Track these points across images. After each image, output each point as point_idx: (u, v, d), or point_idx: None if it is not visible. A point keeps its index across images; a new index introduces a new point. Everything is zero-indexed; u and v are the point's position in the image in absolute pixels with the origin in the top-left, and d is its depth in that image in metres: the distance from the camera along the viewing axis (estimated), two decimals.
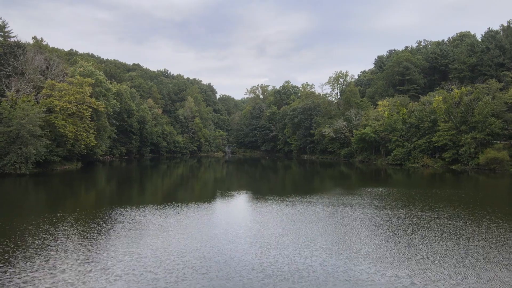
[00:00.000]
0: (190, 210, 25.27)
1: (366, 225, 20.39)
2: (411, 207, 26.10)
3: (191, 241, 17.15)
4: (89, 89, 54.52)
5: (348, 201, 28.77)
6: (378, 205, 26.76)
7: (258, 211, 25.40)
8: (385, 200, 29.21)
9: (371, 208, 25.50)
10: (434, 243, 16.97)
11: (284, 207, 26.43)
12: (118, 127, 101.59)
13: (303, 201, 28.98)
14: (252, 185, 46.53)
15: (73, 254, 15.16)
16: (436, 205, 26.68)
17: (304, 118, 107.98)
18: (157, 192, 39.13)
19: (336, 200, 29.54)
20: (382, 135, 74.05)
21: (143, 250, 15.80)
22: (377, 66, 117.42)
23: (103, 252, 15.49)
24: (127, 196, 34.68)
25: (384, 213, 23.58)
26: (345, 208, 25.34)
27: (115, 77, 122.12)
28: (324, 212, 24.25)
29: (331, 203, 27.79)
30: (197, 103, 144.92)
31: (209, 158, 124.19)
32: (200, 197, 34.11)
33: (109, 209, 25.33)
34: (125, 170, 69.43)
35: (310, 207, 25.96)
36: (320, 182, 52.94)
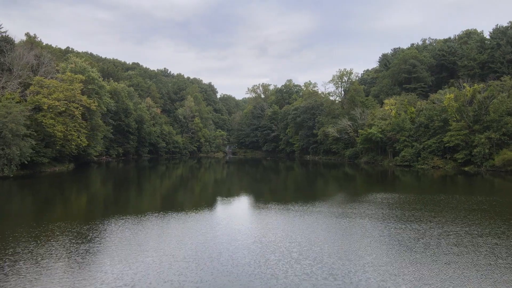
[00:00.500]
0: (184, 222, 22.02)
1: (395, 246, 16.50)
2: (440, 219, 22.22)
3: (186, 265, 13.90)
4: (80, 86, 51.32)
5: (363, 210, 25.06)
6: (401, 216, 22.98)
7: (259, 224, 22.01)
8: (406, 209, 25.39)
9: (393, 220, 21.82)
10: (492, 274, 13.02)
11: (289, 218, 22.93)
12: (115, 127, 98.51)
13: (309, 210, 25.41)
14: (253, 189, 43.27)
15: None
16: (469, 217, 22.89)
17: (306, 118, 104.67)
18: (151, 197, 35.92)
19: (349, 208, 25.98)
20: (389, 135, 70.71)
21: (135, 265, 12.63)
22: (382, 64, 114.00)
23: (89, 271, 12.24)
24: (118, 202, 31.49)
25: (412, 228, 19.83)
26: (363, 220, 21.66)
27: (112, 76, 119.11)
28: (339, 225, 20.63)
29: (344, 213, 24.11)
30: (197, 103, 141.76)
31: (209, 158, 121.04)
32: (198, 204, 30.81)
33: (96, 218, 22.19)
34: (121, 172, 66.26)
35: (320, 219, 22.37)
36: (325, 185, 49.62)
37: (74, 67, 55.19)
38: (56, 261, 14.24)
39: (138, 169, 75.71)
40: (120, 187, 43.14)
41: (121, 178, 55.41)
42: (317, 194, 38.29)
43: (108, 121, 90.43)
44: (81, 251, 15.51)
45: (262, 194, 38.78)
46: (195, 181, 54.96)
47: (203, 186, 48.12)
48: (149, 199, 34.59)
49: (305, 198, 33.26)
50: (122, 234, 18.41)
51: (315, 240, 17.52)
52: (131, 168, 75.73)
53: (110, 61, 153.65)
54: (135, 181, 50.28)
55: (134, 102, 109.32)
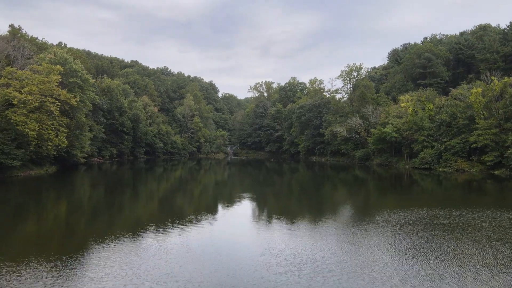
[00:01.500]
0: (181, 238, 15.51)
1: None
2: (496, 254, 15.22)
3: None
4: (58, 79, 44.92)
5: (379, 237, 18.02)
6: (430, 250, 16.02)
7: (260, 249, 15.50)
8: (438, 237, 18.18)
9: (421, 258, 15.15)
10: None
11: (292, 236, 16.56)
12: (108, 126, 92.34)
13: (315, 229, 19.10)
14: (256, 196, 36.87)
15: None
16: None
17: (312, 116, 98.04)
18: (143, 206, 29.93)
19: (362, 231, 19.15)
20: (405, 135, 64.01)
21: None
22: (392, 60, 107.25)
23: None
24: (100, 214, 25.10)
25: (454, 273, 13.20)
26: (380, 254, 15.04)
27: (107, 73, 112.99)
28: (350, 259, 14.28)
29: (356, 241, 17.23)
30: (197, 101, 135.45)
31: (209, 159, 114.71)
32: (197, 212, 24.25)
33: (67, 246, 15.99)
34: (112, 175, 60.09)
35: (327, 246, 15.92)
36: (333, 190, 43.20)
37: (53, 57, 48.86)
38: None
39: (132, 171, 69.55)
40: (106, 194, 37.19)
41: (110, 182, 49.26)
42: (324, 203, 32.15)
43: (99, 120, 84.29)
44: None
45: (265, 202, 32.94)
46: (194, 184, 48.90)
47: (202, 190, 42.23)
48: (140, 208, 28.99)
49: (311, 208, 28.94)
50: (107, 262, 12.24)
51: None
52: (124, 171, 69.58)
53: (108, 58, 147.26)
54: (126, 185, 44.21)
55: (130, 100, 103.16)
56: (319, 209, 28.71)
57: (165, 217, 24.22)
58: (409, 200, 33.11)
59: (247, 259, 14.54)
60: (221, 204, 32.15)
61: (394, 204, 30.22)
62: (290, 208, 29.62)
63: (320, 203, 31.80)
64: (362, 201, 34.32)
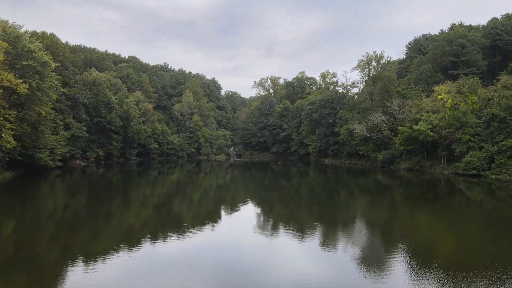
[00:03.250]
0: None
1: None
2: None
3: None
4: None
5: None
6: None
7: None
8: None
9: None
10: None
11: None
12: (94, 124, 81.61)
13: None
14: (260, 210, 27.54)
15: None
16: None
17: (325, 113, 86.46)
18: (125, 223, 22.71)
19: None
20: (444, 133, 52.33)
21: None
22: (414, 50, 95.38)
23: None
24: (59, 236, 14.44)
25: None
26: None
27: (97, 66, 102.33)
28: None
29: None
30: (197, 98, 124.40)
31: (210, 161, 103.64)
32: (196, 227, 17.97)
33: None
34: (93, 180, 49.81)
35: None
36: (354, 202, 32.98)
37: (1, 33, 37.94)
38: None
39: (121, 175, 59.60)
40: (76, 204, 28.52)
41: (88, 189, 39.13)
42: (341, 218, 25.31)
43: (81, 117, 73.45)
44: None
45: (271, 216, 26.37)
46: (191, 190, 40.13)
47: (201, 200, 34.32)
48: (120, 223, 22.56)
49: (322, 222, 23.48)
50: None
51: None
52: (111, 174, 59.17)
53: (102, 53, 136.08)
54: (107, 193, 36.27)
55: (120, 96, 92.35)
56: (333, 225, 22.78)
57: (153, 235, 18.60)
58: (459, 218, 25.10)
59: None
60: (223, 219, 24.94)
61: (437, 224, 22.99)
62: (298, 222, 23.71)
63: (336, 218, 25.18)
64: (389, 215, 26.56)
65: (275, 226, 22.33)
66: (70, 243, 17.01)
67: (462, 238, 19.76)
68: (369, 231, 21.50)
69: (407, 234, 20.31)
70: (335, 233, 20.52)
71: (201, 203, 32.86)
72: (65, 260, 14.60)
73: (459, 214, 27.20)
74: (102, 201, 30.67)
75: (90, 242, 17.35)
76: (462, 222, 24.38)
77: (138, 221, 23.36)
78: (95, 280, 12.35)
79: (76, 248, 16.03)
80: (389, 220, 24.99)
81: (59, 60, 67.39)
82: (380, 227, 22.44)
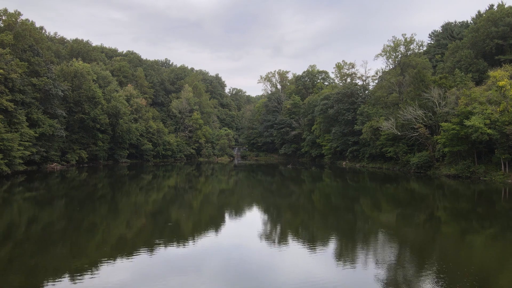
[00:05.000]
0: None
1: None
2: None
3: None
4: None
5: None
6: None
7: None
8: None
9: None
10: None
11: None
12: (77, 121, 70.70)
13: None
14: (269, 232, 21.66)
15: None
16: None
17: (343, 109, 74.49)
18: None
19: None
20: (508, 130, 40.24)
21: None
22: (445, 36, 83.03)
23: None
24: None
25: None
26: None
27: (84, 57, 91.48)
28: None
29: None
30: (198, 94, 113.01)
31: (211, 164, 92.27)
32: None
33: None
34: (66, 188, 40.30)
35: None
36: (384, 220, 25.32)
37: None
38: None
39: (106, 180, 49.97)
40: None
41: (50, 200, 30.73)
42: (363, 235, 20.24)
43: (55, 112, 62.33)
44: None
45: (287, 237, 20.32)
46: (190, 199, 33.75)
47: (201, 212, 28.67)
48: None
49: (346, 241, 18.77)
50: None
51: None
52: (92, 180, 50.15)
53: (98, 48, 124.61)
54: (80, 204, 29.17)
55: (108, 90, 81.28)
56: (353, 239, 19.09)
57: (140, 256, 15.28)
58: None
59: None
60: (226, 231, 21.05)
61: (498, 251, 17.25)
62: (311, 234, 20.52)
63: (356, 232, 20.79)
64: (428, 234, 20.69)
65: (288, 242, 18.99)
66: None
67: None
68: (398, 249, 17.37)
69: (453, 260, 15.57)
70: (354, 248, 17.71)
71: (201, 214, 27.51)
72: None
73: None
74: (77, 208, 21.95)
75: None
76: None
77: (120, 241, 18.42)
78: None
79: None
80: (428, 240, 19.47)
81: (27, 44, 56.46)
82: (415, 247, 17.81)
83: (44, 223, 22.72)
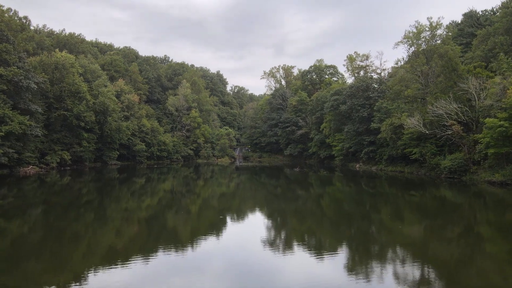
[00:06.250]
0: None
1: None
2: None
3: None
4: None
5: None
6: None
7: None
8: None
9: None
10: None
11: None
12: (57, 119, 62.88)
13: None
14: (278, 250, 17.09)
15: None
16: None
17: (357, 105, 66.20)
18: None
19: None
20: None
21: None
22: (470, 24, 74.52)
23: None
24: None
25: None
26: None
27: (71, 50, 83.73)
28: None
29: None
30: (196, 90, 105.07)
31: (211, 166, 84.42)
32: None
33: None
34: (35, 198, 32.00)
35: None
36: (409, 233, 20.46)
37: None
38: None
39: (92, 185, 42.54)
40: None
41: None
42: (384, 250, 16.84)
43: (28, 108, 54.40)
44: None
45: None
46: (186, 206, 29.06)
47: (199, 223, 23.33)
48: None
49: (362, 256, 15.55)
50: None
51: None
52: (75, 186, 42.40)
53: (92, 42, 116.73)
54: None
55: (96, 84, 73.50)
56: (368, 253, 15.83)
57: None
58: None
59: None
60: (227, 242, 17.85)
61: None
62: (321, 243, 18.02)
63: (375, 245, 17.66)
64: (466, 252, 16.55)
65: (295, 251, 16.39)
66: None
67: None
68: (423, 267, 14.01)
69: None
70: (369, 259, 15.07)
71: (199, 221, 24.36)
72: None
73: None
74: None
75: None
76: None
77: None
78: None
79: None
80: (464, 260, 15.26)
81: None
82: (445, 266, 14.21)
83: (14, 236, 18.23)
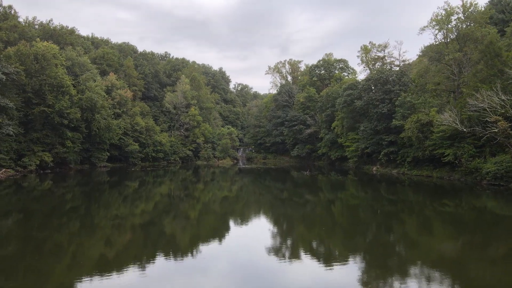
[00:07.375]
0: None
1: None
2: None
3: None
4: None
5: None
6: None
7: None
8: None
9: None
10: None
11: None
12: (37, 116, 55.82)
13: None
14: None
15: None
16: None
17: (375, 99, 58.49)
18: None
19: None
20: None
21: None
22: (500, 10, 66.62)
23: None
24: None
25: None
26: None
27: (58, 41, 76.62)
28: None
29: None
30: (196, 86, 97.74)
31: (211, 168, 77.25)
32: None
33: None
34: (8, 206, 29.08)
35: None
36: (442, 249, 16.38)
37: None
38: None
39: (76, 191, 37.91)
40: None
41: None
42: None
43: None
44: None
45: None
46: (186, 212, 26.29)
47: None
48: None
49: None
50: None
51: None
52: (57, 191, 37.81)
53: (88, 37, 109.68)
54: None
55: (83, 78, 66.39)
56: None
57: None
58: None
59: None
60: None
61: None
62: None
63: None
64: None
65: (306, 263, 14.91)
66: None
67: None
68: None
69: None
70: (387, 274, 13.41)
71: (200, 227, 22.18)
72: None
73: None
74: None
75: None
76: None
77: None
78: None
79: None
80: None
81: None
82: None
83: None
